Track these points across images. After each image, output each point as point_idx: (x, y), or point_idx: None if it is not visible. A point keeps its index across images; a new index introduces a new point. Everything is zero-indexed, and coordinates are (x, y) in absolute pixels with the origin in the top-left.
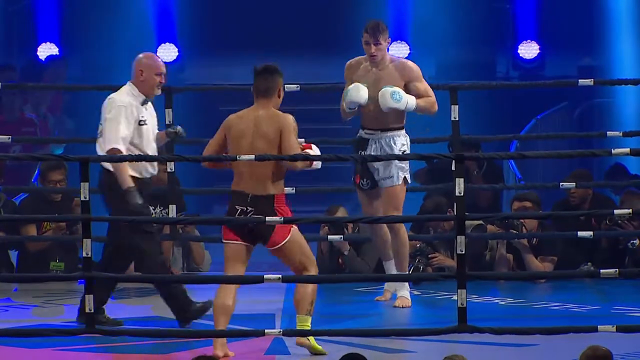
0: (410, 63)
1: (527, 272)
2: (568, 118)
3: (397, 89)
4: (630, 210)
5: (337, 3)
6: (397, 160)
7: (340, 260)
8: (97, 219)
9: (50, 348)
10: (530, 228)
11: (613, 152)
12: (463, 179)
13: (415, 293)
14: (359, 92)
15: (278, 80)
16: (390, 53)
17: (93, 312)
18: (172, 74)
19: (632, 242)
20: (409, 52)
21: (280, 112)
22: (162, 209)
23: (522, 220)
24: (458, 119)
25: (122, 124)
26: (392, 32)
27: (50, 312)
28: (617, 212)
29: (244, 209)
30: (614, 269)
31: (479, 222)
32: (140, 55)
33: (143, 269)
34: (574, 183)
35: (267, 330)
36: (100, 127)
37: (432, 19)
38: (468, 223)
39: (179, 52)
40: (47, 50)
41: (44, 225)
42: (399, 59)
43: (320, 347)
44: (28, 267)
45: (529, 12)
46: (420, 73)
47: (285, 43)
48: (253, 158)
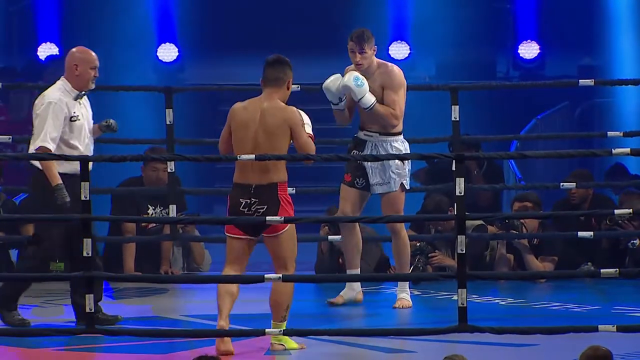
0: (396, 71)
1: (527, 272)
2: (568, 118)
3: (363, 78)
4: (631, 210)
5: (337, 3)
6: (393, 167)
7: (340, 260)
8: (97, 219)
9: (51, 348)
10: (532, 229)
11: (613, 152)
12: (463, 179)
13: (416, 293)
14: (332, 80)
15: (288, 73)
16: (391, 54)
17: (93, 311)
18: (172, 74)
19: (632, 242)
20: (409, 52)
21: (286, 105)
22: (162, 209)
23: (522, 221)
24: (458, 119)
25: (50, 122)
26: (392, 32)
27: (50, 312)
28: (617, 212)
29: (248, 201)
30: (614, 269)
31: (480, 222)
32: (74, 50)
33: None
34: (574, 183)
35: (267, 330)
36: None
37: (432, 19)
38: (468, 223)
39: (179, 52)
40: (47, 51)
41: None
42: (387, 65)
43: (297, 344)
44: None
45: (529, 12)
46: (400, 84)
47: (286, 43)
48: (253, 158)
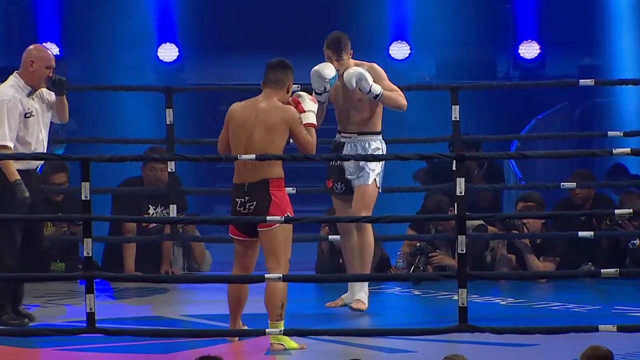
0: (375, 66)
1: (527, 272)
2: (568, 118)
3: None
4: (631, 210)
5: (337, 3)
6: (369, 163)
7: (341, 260)
8: (98, 219)
9: (51, 348)
10: (535, 229)
11: (614, 152)
12: (464, 179)
13: (416, 293)
14: (324, 65)
15: (289, 76)
16: (391, 54)
17: (94, 311)
18: (172, 74)
19: (632, 242)
20: (409, 52)
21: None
22: (163, 209)
23: (525, 221)
24: (459, 119)
25: (5, 121)
26: (392, 32)
27: (52, 312)
28: (617, 212)
29: (242, 200)
30: (615, 269)
31: (480, 222)
32: (31, 47)
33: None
34: (575, 183)
35: (267, 330)
36: None
37: (432, 19)
38: (469, 223)
39: (180, 52)
40: None
41: (45, 226)
42: (365, 64)
43: (297, 344)
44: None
45: (530, 12)
46: (385, 75)
47: (286, 43)
48: (254, 158)
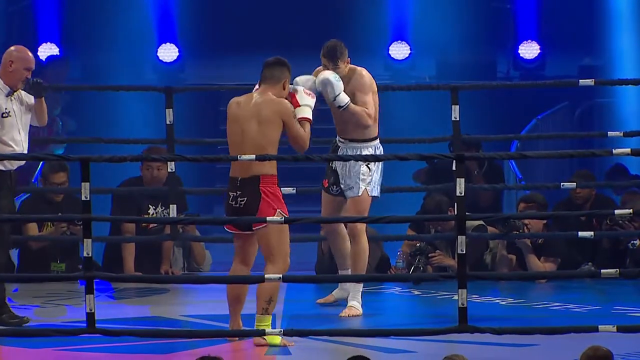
0: (365, 75)
1: (527, 272)
2: (569, 118)
3: (339, 77)
4: (631, 211)
5: (337, 4)
6: (360, 174)
7: None
8: (98, 219)
9: (51, 348)
10: (537, 229)
11: (614, 152)
12: (464, 179)
13: (416, 293)
14: (304, 77)
15: (285, 73)
16: (391, 54)
17: (94, 312)
18: (172, 74)
19: (632, 242)
20: (409, 52)
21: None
22: (163, 209)
23: (526, 221)
24: (459, 119)
25: None
26: (392, 32)
27: (52, 312)
28: (617, 212)
29: (235, 194)
30: (615, 269)
31: (480, 222)
32: (12, 48)
33: None
34: (575, 183)
35: (267, 330)
36: None
37: (432, 19)
38: (469, 223)
39: (180, 52)
40: (47, 51)
41: (45, 226)
42: (356, 70)
43: (280, 339)
44: (29, 265)
45: (530, 12)
46: (370, 87)
47: (286, 44)
48: (254, 158)
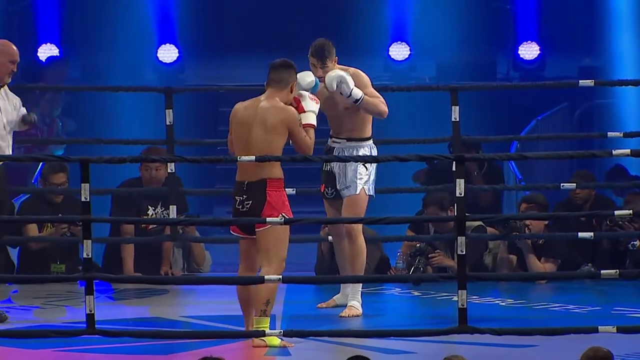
0: (361, 72)
1: (527, 273)
2: (568, 119)
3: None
4: (631, 211)
5: (337, 4)
6: (357, 172)
7: None
8: (97, 220)
9: (51, 349)
10: (538, 230)
11: (614, 153)
12: (463, 180)
13: (416, 293)
14: (305, 74)
15: (293, 76)
16: (391, 55)
17: (93, 313)
18: (172, 75)
19: (632, 243)
20: (409, 52)
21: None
22: (163, 210)
23: (527, 222)
24: (458, 120)
25: None
26: (392, 32)
27: (52, 313)
28: (617, 213)
29: (241, 198)
30: (615, 270)
31: (479, 223)
32: None
33: None
34: (575, 184)
35: (267, 331)
36: None
37: (432, 20)
38: (468, 224)
39: (179, 52)
40: (47, 51)
41: (45, 227)
42: (349, 69)
43: (279, 340)
44: (29, 265)
45: (529, 12)
46: (368, 81)
47: (286, 44)
48: (253, 159)
